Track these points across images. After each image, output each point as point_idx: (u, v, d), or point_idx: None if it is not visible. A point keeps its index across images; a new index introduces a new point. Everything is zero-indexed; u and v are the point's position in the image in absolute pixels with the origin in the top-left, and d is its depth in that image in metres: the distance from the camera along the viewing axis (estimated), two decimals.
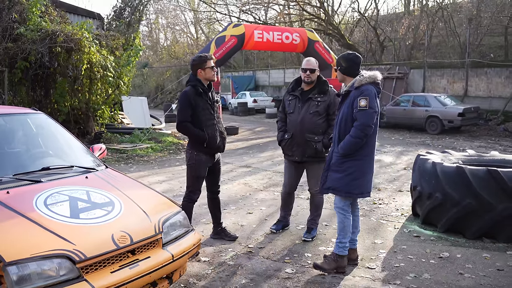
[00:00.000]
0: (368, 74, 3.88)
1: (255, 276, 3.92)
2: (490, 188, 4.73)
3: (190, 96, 4.39)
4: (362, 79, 3.86)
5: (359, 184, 3.95)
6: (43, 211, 2.81)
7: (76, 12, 14.02)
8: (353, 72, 3.97)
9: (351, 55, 4.01)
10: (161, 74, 34.77)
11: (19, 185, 3.11)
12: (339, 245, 4.02)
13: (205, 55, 4.52)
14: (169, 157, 10.91)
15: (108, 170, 3.80)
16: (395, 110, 15.80)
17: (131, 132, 12.47)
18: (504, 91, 16.78)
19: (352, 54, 4.03)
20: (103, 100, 11.59)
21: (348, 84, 3.98)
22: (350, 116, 3.90)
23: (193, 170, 4.52)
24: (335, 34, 24.53)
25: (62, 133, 4.12)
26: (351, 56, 4.00)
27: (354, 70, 3.97)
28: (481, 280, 3.86)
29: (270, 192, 7.20)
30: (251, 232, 5.15)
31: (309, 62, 4.73)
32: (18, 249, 2.44)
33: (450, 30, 20.60)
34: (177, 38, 41.45)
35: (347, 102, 3.94)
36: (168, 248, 3.04)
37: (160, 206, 3.35)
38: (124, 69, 11.48)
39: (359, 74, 3.94)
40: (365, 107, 3.78)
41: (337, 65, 4.02)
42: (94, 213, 2.92)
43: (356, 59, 3.99)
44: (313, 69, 4.68)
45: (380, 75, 3.98)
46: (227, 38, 15.11)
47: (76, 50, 9.72)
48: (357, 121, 3.83)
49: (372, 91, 3.84)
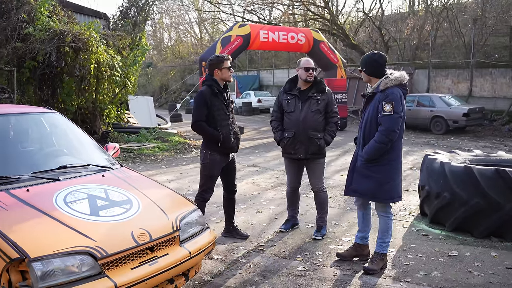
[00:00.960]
0: (395, 76, 3.84)
1: (267, 273, 3.98)
2: (498, 187, 4.77)
3: (206, 96, 4.45)
4: (388, 82, 3.82)
5: (386, 190, 3.94)
6: (63, 208, 2.87)
7: (82, 12, 14.09)
8: (378, 72, 3.94)
9: (375, 55, 3.95)
10: (165, 74, 34.90)
11: (38, 183, 3.18)
12: (382, 245, 4.08)
13: (223, 55, 4.59)
14: (176, 157, 10.98)
15: (123, 168, 3.87)
16: None
17: (137, 131, 12.55)
18: (509, 91, 16.79)
19: (376, 54, 3.97)
20: (110, 99, 11.67)
21: (373, 86, 3.95)
22: (374, 119, 3.89)
23: (206, 169, 4.59)
24: (339, 34, 24.56)
25: (76, 131, 4.19)
26: (375, 56, 3.94)
27: (380, 70, 3.93)
28: (490, 278, 3.91)
29: (278, 191, 7.25)
30: (261, 230, 5.21)
31: (310, 61, 4.84)
32: (41, 246, 2.50)
33: (455, 30, 20.60)
34: (181, 38, 41.56)
35: (372, 105, 3.92)
36: (185, 246, 3.10)
37: (176, 204, 3.41)
38: (131, 69, 11.55)
39: (386, 75, 3.91)
40: (390, 112, 3.75)
41: (362, 66, 4.01)
42: (113, 211, 2.98)
43: (380, 59, 3.93)
44: (314, 67, 4.85)
45: (407, 76, 3.95)
46: (233, 38, 15.17)
47: (84, 50, 9.80)
48: (382, 126, 3.80)
49: (398, 94, 3.80)
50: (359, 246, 4.32)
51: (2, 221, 2.64)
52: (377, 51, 4.06)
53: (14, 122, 3.86)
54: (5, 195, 2.93)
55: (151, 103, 15.38)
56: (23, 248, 2.44)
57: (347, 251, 4.37)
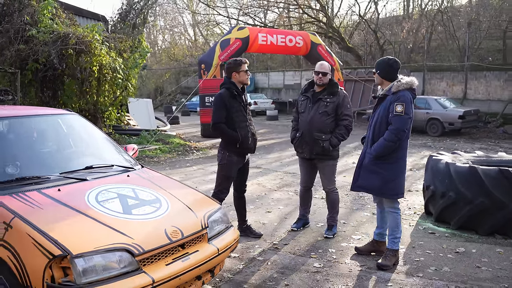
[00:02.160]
0: (406, 80, 4.09)
1: (285, 270, 4.11)
2: (502, 187, 4.94)
3: (225, 98, 4.58)
4: (400, 85, 4.06)
5: (392, 186, 4.15)
6: (97, 207, 2.98)
7: (81, 14, 14.15)
8: (392, 76, 4.18)
9: (391, 60, 4.22)
10: (160, 76, 34.94)
11: (67, 183, 3.28)
12: (394, 241, 4.25)
13: (240, 59, 4.72)
14: (178, 158, 11.08)
15: (145, 169, 3.98)
16: None
17: (138, 133, 12.62)
18: (503, 94, 17.09)
19: (392, 59, 4.23)
20: (111, 101, 11.73)
21: (385, 88, 4.19)
22: (385, 119, 4.12)
23: (224, 170, 4.72)
24: (335, 37, 24.78)
25: (96, 133, 4.30)
26: (391, 61, 4.20)
27: (393, 74, 4.19)
28: (497, 273, 4.07)
29: (284, 192, 7.38)
30: (273, 229, 5.33)
31: (322, 65, 4.94)
32: (82, 243, 2.61)
33: (449, 33, 20.90)
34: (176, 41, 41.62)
35: (383, 106, 4.15)
36: (213, 243, 3.22)
37: (202, 203, 3.53)
38: (131, 71, 11.63)
39: (397, 79, 4.14)
40: (401, 113, 3.99)
41: (376, 69, 4.23)
42: (144, 210, 3.09)
43: (395, 64, 4.20)
44: (325, 72, 4.90)
45: (416, 81, 4.19)
46: (232, 41, 15.33)
47: (87, 52, 9.87)
48: (392, 125, 4.04)
49: (409, 97, 4.05)
50: (376, 242, 4.51)
51: (41, 219, 2.73)
52: (392, 57, 4.31)
53: (36, 124, 3.96)
54: (38, 195, 3.03)
55: (151, 105, 15.46)
56: (64, 245, 2.54)
57: (365, 246, 4.57)
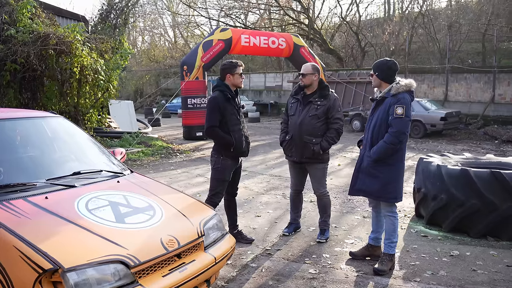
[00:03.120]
0: (405, 82, 4.02)
1: (280, 277, 4.00)
2: (494, 189, 4.94)
3: (219, 101, 4.45)
4: (399, 87, 3.99)
5: (391, 190, 4.09)
6: (88, 216, 2.82)
7: (61, 14, 13.80)
8: (390, 78, 4.11)
9: (389, 62, 4.15)
10: (140, 78, 34.49)
11: (54, 190, 3.10)
12: (390, 245, 4.19)
13: (236, 61, 4.60)
14: (161, 161, 10.88)
15: (135, 174, 3.83)
16: None
17: (120, 136, 12.37)
18: (483, 96, 17.35)
19: (391, 61, 4.17)
20: (92, 103, 11.46)
21: (384, 90, 4.11)
22: (385, 122, 4.04)
23: (218, 174, 4.59)
24: (317, 39, 24.84)
25: (83, 136, 4.13)
26: (390, 63, 4.13)
27: (392, 76, 4.12)
28: (494, 276, 4.05)
29: (272, 195, 7.28)
30: (264, 234, 5.22)
31: (304, 67, 4.85)
32: (74, 255, 2.45)
33: (430, 36, 21.15)
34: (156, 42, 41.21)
35: (382, 108, 4.08)
36: (209, 251, 3.09)
37: (196, 210, 3.40)
38: (113, 73, 11.38)
39: (395, 81, 4.07)
40: (401, 115, 3.92)
41: (375, 71, 4.15)
42: (138, 218, 2.95)
43: (394, 66, 4.13)
44: (304, 73, 4.80)
45: (415, 83, 4.13)
46: (214, 42, 15.18)
47: (68, 53, 9.60)
48: (392, 128, 3.97)
49: (408, 99, 3.99)
50: (371, 246, 4.43)
51: (28, 230, 2.56)
52: (390, 59, 4.24)
53: (20, 127, 3.77)
54: (25, 203, 2.85)
55: (132, 107, 15.20)
56: (55, 258, 2.38)
57: (359, 250, 4.49)
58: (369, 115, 4.33)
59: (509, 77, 16.71)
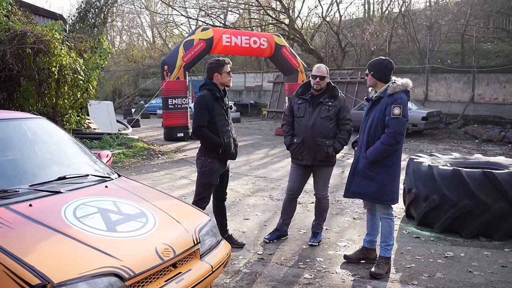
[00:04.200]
0: (401, 82, 3.93)
1: (276, 283, 3.87)
2: (486, 189, 4.91)
3: (208, 100, 4.27)
4: (396, 87, 3.89)
5: (388, 192, 4.00)
6: (76, 224, 2.64)
7: (37, 13, 13.40)
8: (386, 77, 4.01)
9: (385, 61, 4.04)
10: (118, 78, 33.91)
11: (38, 196, 2.91)
12: (387, 248, 4.10)
13: (223, 59, 4.42)
14: (143, 163, 10.64)
15: (123, 178, 3.64)
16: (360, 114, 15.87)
17: (100, 137, 12.06)
18: (463, 95, 17.55)
19: (386, 60, 4.06)
20: (71, 104, 11.12)
21: (380, 90, 4.01)
22: (381, 122, 3.94)
23: (205, 177, 4.41)
24: (297, 39, 24.82)
25: (66, 138, 3.92)
26: (386, 62, 4.03)
27: (388, 76, 4.01)
28: (490, 277, 4.00)
29: (258, 197, 7.15)
30: (255, 238, 5.09)
31: (320, 69, 4.65)
32: (64, 269, 2.26)
33: (410, 36, 21.33)
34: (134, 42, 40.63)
35: (378, 108, 3.97)
36: (206, 259, 2.94)
37: (189, 215, 3.24)
38: (93, 73, 11.07)
39: (391, 81, 3.97)
40: (398, 115, 3.83)
41: (370, 70, 4.03)
42: (130, 226, 2.77)
43: (390, 65, 4.03)
44: (323, 76, 4.62)
45: (411, 83, 4.03)
46: (195, 42, 14.96)
47: (46, 52, 9.28)
48: (389, 128, 3.87)
49: (405, 99, 3.90)
50: (366, 249, 4.34)
51: (12, 242, 2.37)
52: (385, 57, 4.13)
53: None
54: (7, 212, 2.65)
55: (112, 108, 14.86)
56: (43, 272, 2.19)
57: (354, 253, 4.40)
58: (364, 115, 4.23)
59: (488, 77, 16.95)
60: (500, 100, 16.60)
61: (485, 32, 19.86)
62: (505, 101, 16.43)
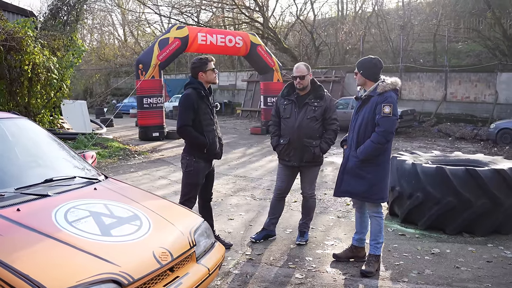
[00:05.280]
0: (390, 81, 3.94)
1: (268, 284, 3.83)
2: (469, 186, 5.00)
3: (193, 99, 4.19)
4: (386, 85, 3.90)
5: (378, 190, 4.01)
6: (69, 229, 2.53)
7: (6, 9, 12.92)
8: (375, 76, 4.01)
9: (374, 59, 4.04)
10: (89, 77, 33.20)
11: (26, 200, 2.77)
12: (377, 246, 4.11)
13: (206, 57, 4.35)
14: (120, 163, 10.44)
15: (110, 179, 3.53)
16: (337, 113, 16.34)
17: (74, 137, 11.75)
18: (436, 94, 17.93)
19: (376, 58, 4.06)
20: (44, 103, 10.79)
21: (370, 89, 4.01)
22: (371, 121, 3.94)
23: (191, 178, 4.33)
24: (271, 37, 24.83)
25: (49, 139, 3.77)
26: (375, 60, 4.03)
27: (376, 74, 4.01)
28: (477, 272, 4.07)
29: (240, 197, 7.10)
30: (241, 238, 5.03)
31: (298, 69, 4.60)
32: (60, 277, 2.15)
33: (383, 35, 21.63)
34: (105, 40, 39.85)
35: (368, 107, 3.97)
36: (202, 262, 2.87)
37: (183, 217, 3.16)
38: (66, 71, 10.78)
39: (380, 80, 3.98)
40: (389, 114, 3.83)
41: (359, 69, 4.03)
42: (124, 229, 2.67)
43: (379, 63, 4.03)
44: (302, 75, 4.57)
45: (400, 82, 4.05)
46: (170, 40, 14.79)
47: (18, 50, 8.97)
48: (380, 127, 3.87)
49: (395, 98, 3.92)
50: (355, 248, 4.34)
51: (2, 250, 2.24)
52: (375, 56, 4.14)
53: None
54: None
55: (85, 107, 14.51)
56: (38, 281, 2.07)
57: (343, 252, 4.40)
58: (353, 114, 4.23)
59: (460, 76, 17.37)
60: (472, 98, 17.04)
61: (457, 32, 20.32)
62: (477, 100, 16.88)
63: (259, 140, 14.97)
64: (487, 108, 16.43)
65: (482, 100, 16.72)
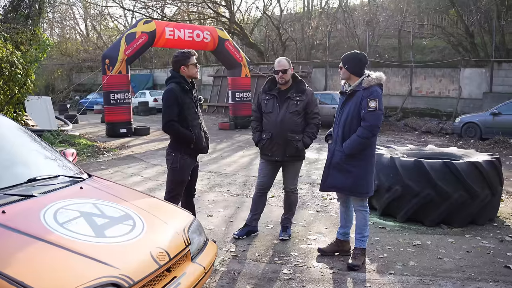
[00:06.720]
0: (375, 76, 3.95)
1: (257, 280, 3.79)
2: (446, 179, 5.12)
3: (177, 94, 4.10)
4: (371, 80, 3.91)
5: (363, 184, 4.03)
6: (60, 231, 2.40)
7: None
8: (360, 71, 4.02)
9: (360, 54, 4.05)
10: (51, 73, 32.08)
11: (10, 201, 2.61)
12: (362, 240, 4.13)
13: (188, 51, 4.26)
14: (89, 161, 10.16)
15: (94, 178, 3.40)
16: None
17: (40, 134, 11.31)
18: (401, 89, 18.33)
19: (361, 54, 4.07)
20: (7, 99, 10.35)
21: (355, 84, 4.01)
22: (356, 115, 3.95)
23: (177, 174, 4.23)
24: (238, 32, 24.72)
25: (27, 136, 3.60)
26: (361, 55, 4.04)
27: (361, 69, 4.03)
28: (459, 262, 4.17)
29: (217, 193, 7.03)
30: (224, 235, 4.98)
31: (280, 63, 4.59)
32: (58, 282, 2.04)
33: (349, 31, 21.91)
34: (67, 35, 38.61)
35: (353, 102, 3.98)
36: (197, 261, 2.80)
37: (174, 215, 3.08)
38: (31, 66, 10.37)
39: (365, 74, 3.99)
40: (374, 109, 3.86)
41: (345, 64, 4.02)
42: (118, 230, 2.57)
43: (364, 59, 4.04)
44: (285, 69, 4.56)
45: (384, 77, 4.08)
46: (137, 35, 14.49)
47: None
48: (366, 121, 3.89)
49: (380, 92, 3.94)
50: (340, 242, 4.37)
51: None
52: (360, 51, 4.15)
53: None
54: None
55: (50, 104, 14.03)
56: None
57: (328, 246, 4.41)
58: (338, 109, 4.24)
59: (425, 71, 17.81)
60: (436, 93, 17.53)
61: (421, 28, 20.82)
62: (441, 95, 17.37)
63: (228, 136, 14.90)
64: (451, 102, 16.93)
65: (446, 95, 17.21)
